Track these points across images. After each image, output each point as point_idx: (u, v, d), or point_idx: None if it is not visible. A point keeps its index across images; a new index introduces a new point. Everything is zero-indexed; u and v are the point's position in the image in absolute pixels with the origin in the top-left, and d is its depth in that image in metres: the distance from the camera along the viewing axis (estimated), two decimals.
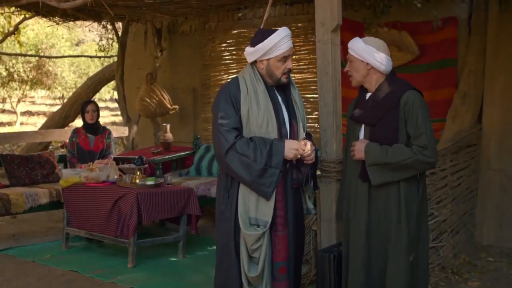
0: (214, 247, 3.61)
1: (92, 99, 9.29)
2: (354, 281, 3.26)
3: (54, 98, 23.80)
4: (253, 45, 3.37)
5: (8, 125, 20.66)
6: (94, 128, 6.50)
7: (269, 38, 3.31)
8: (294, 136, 3.39)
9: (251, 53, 3.38)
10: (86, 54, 20.96)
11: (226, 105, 3.31)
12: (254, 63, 3.42)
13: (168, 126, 7.26)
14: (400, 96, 3.19)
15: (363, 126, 3.32)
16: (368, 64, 3.27)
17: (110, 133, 6.63)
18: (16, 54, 16.60)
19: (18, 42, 12.20)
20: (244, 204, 3.30)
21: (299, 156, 3.29)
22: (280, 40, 3.30)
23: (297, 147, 3.27)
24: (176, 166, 7.17)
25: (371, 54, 3.25)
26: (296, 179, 3.37)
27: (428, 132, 3.14)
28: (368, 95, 3.34)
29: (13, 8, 7.18)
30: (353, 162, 3.31)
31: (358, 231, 3.26)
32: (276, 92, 3.43)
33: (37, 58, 18.17)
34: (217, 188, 3.50)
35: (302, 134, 3.43)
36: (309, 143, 3.35)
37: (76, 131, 6.53)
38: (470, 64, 5.81)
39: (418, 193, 3.24)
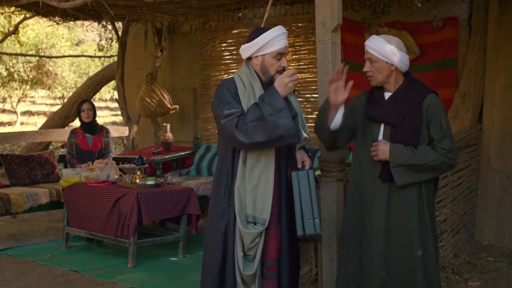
0: None
1: (88, 99, 9.28)
2: (372, 281, 3.23)
3: (54, 98, 23.81)
4: (249, 40, 3.37)
5: (8, 125, 20.67)
6: (91, 127, 6.50)
7: (265, 33, 3.31)
8: None
9: (247, 47, 3.37)
10: (86, 54, 20.98)
11: (224, 97, 3.25)
12: (249, 60, 3.41)
13: (168, 126, 7.27)
14: (423, 98, 3.21)
15: (382, 126, 3.28)
16: (392, 65, 3.23)
17: (107, 131, 6.63)
18: (17, 54, 16.61)
19: (18, 42, 12.21)
20: (240, 201, 3.28)
21: (296, 83, 3.20)
22: (276, 37, 3.30)
23: (286, 80, 3.15)
24: (176, 166, 7.18)
25: (396, 55, 3.22)
26: (291, 178, 3.35)
27: (451, 135, 3.21)
28: (387, 94, 3.30)
29: (13, 8, 7.18)
30: (370, 163, 3.27)
31: (376, 232, 3.23)
32: None
33: (37, 58, 18.19)
34: (215, 187, 3.45)
35: (301, 133, 3.41)
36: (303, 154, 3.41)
37: (73, 131, 6.53)
38: (470, 64, 5.81)
39: (434, 193, 3.31)
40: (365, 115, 3.32)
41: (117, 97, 8.79)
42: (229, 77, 3.49)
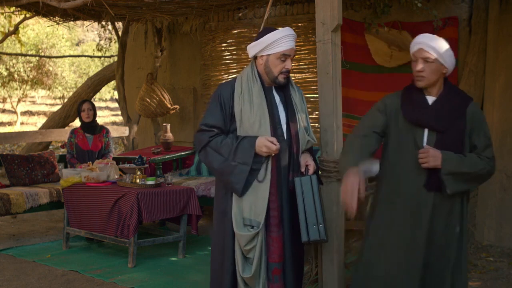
0: None
1: (88, 99, 9.30)
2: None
3: (55, 98, 23.81)
4: (256, 39, 3.38)
5: (9, 125, 20.67)
6: (91, 127, 6.50)
7: (271, 33, 3.31)
8: (292, 137, 3.38)
9: (253, 46, 3.38)
10: (86, 54, 20.98)
11: (212, 105, 3.39)
12: (254, 60, 3.42)
13: (169, 126, 7.27)
14: (467, 105, 3.14)
15: (426, 131, 3.13)
16: (445, 68, 3.14)
17: (108, 131, 6.63)
18: (17, 54, 16.62)
19: (19, 41, 12.20)
20: (238, 204, 3.30)
21: (273, 154, 3.26)
22: (282, 37, 3.30)
23: (268, 145, 3.22)
24: (177, 166, 7.18)
25: (452, 59, 3.13)
26: (292, 181, 3.35)
27: (492, 144, 3.16)
28: (430, 98, 3.16)
29: (13, 8, 7.18)
30: (412, 169, 3.12)
31: (416, 242, 3.11)
32: (275, 93, 3.43)
33: (37, 58, 18.19)
34: (216, 188, 3.50)
35: (303, 136, 3.42)
36: (304, 159, 3.40)
37: (74, 131, 6.53)
38: (470, 64, 5.80)
39: (469, 201, 3.27)
40: (408, 119, 3.15)
41: (117, 97, 8.79)
42: (232, 77, 3.51)
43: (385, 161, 3.26)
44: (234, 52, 7.67)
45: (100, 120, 6.70)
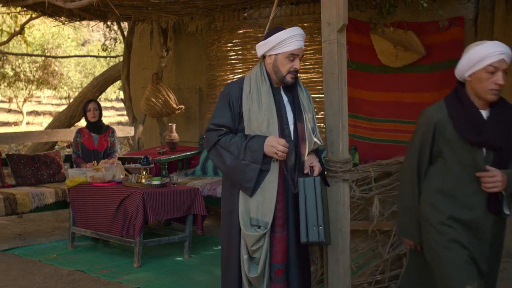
0: (220, 247, 3.62)
1: (93, 98, 9.33)
2: None
3: (60, 98, 23.89)
4: (265, 38, 3.38)
5: (14, 125, 20.75)
6: (97, 127, 6.52)
7: (280, 33, 3.31)
8: (300, 137, 3.38)
9: (261, 45, 3.39)
10: (92, 54, 21.04)
11: (220, 104, 3.39)
12: (263, 59, 3.42)
13: (174, 126, 7.27)
14: (511, 113, 2.96)
15: (484, 150, 2.87)
16: None
17: (113, 131, 6.65)
18: (23, 54, 16.68)
19: (25, 41, 12.25)
20: (245, 204, 3.30)
21: (279, 154, 3.21)
22: (290, 37, 3.29)
23: (275, 144, 3.21)
24: (182, 166, 7.18)
25: None
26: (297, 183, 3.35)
27: None
28: (483, 112, 2.92)
29: (19, 8, 7.20)
30: (472, 192, 2.90)
31: (479, 265, 2.95)
32: (283, 93, 3.43)
33: (43, 58, 18.25)
34: (223, 188, 3.51)
35: (310, 137, 3.42)
36: (309, 161, 3.38)
37: (79, 131, 6.55)
38: None
39: None
40: (467, 140, 2.88)
41: (122, 97, 8.80)
42: (241, 76, 3.50)
43: (437, 181, 3.02)
44: (240, 52, 7.67)
45: (105, 120, 6.72)
